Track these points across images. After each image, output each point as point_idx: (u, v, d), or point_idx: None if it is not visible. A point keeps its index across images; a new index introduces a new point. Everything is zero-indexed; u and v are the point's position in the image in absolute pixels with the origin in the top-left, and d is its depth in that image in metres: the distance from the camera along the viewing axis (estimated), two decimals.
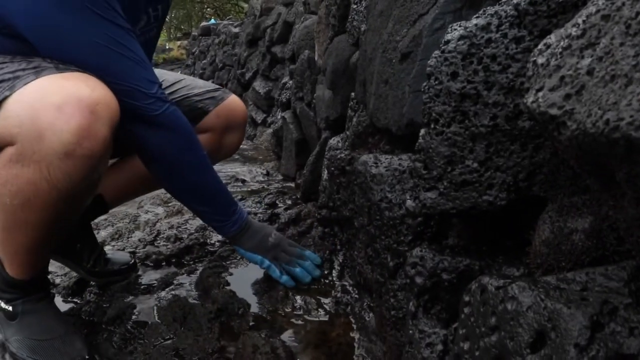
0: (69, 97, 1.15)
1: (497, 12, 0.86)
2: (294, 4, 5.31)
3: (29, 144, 1.14)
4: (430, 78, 0.93)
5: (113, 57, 1.29)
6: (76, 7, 1.23)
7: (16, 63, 1.26)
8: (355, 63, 2.00)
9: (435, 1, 1.38)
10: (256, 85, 5.91)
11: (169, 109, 1.40)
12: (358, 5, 2.16)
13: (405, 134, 1.36)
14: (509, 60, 0.83)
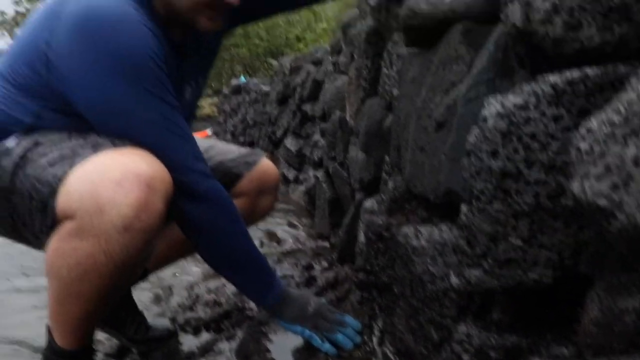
0: (127, 173, 1.20)
1: (535, 90, 0.87)
2: (323, 63, 5.40)
3: (88, 218, 1.19)
4: (470, 156, 0.94)
5: (161, 133, 1.34)
6: (131, 85, 1.28)
7: (73, 140, 1.33)
8: (389, 127, 2.02)
9: (467, 71, 1.40)
10: (287, 143, 5.97)
11: (212, 184, 1.43)
12: (389, 70, 2.20)
13: (442, 202, 1.36)
14: (549, 138, 0.84)
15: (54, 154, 1.29)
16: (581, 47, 0.87)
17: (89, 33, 1.26)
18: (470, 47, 1.43)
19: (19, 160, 1.30)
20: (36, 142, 1.33)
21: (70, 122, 1.37)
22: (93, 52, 1.26)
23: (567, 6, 0.88)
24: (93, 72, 1.27)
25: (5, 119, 1.37)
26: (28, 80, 1.36)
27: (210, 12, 1.42)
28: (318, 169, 4.00)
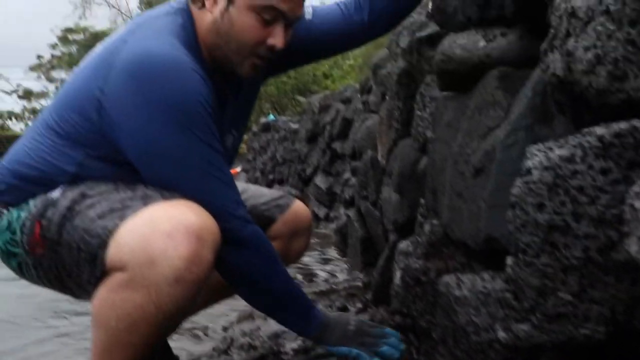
0: (177, 225, 1.22)
1: (581, 143, 0.86)
2: (352, 101, 5.43)
3: (139, 270, 1.21)
4: (515, 208, 0.93)
5: (207, 179, 1.35)
6: (181, 131, 1.30)
7: (122, 192, 1.35)
8: (423, 170, 2.01)
9: (504, 116, 1.40)
10: (317, 181, 5.99)
11: (253, 229, 1.43)
12: (422, 112, 2.20)
13: (483, 249, 1.35)
14: (597, 192, 0.83)
15: (102, 206, 1.30)
16: (627, 97, 0.86)
17: (142, 79, 1.28)
18: (507, 92, 1.42)
19: (66, 211, 1.32)
20: (83, 194, 1.34)
21: (113, 171, 1.40)
22: (145, 98, 1.28)
23: (611, 57, 0.87)
24: (144, 118, 1.29)
25: (50, 169, 1.39)
26: (77, 127, 1.37)
27: (255, 59, 1.43)
28: (349, 208, 3.99)
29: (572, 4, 0.99)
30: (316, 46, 1.73)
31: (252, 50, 1.41)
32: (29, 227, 1.35)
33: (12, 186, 1.40)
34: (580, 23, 0.96)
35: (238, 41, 1.40)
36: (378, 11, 1.71)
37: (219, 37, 1.41)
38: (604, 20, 0.89)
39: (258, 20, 1.37)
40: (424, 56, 2.25)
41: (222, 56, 1.45)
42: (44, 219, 1.34)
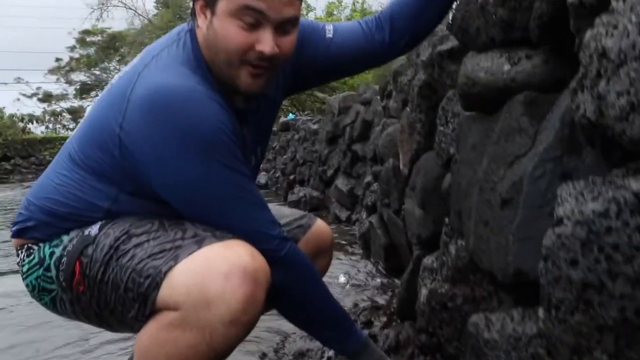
0: (234, 267, 1.24)
1: (615, 197, 0.83)
2: (372, 103, 5.40)
3: (194, 310, 1.22)
4: (547, 261, 0.90)
5: (239, 204, 1.35)
6: (204, 160, 1.29)
7: (170, 232, 1.35)
8: (448, 188, 1.98)
9: (531, 144, 1.36)
10: (338, 183, 5.97)
11: (292, 247, 1.44)
12: (445, 127, 2.16)
13: (512, 282, 1.32)
14: (634, 250, 0.80)
15: (152, 247, 1.31)
16: None
17: (158, 114, 1.28)
18: (533, 119, 1.39)
19: (111, 250, 1.32)
20: (128, 233, 1.34)
21: (148, 205, 1.40)
22: (164, 133, 1.27)
23: None
24: (165, 152, 1.28)
25: (82, 205, 1.39)
26: (101, 163, 1.38)
27: (249, 68, 1.37)
28: (372, 214, 3.97)
29: (603, 44, 0.95)
30: (337, 64, 1.70)
31: (240, 58, 1.35)
32: (66, 264, 1.35)
33: (42, 222, 1.41)
34: (612, 65, 0.93)
35: (224, 51, 1.35)
36: (399, 31, 1.69)
37: (210, 51, 1.38)
38: (637, 66, 0.85)
39: (240, 25, 1.31)
40: (445, 70, 2.22)
41: (219, 72, 1.41)
42: (84, 257, 1.34)
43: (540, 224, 1.26)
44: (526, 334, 1.12)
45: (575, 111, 1.04)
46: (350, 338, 1.59)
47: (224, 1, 1.31)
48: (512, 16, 1.50)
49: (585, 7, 1.09)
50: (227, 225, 1.34)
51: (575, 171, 1.26)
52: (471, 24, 1.65)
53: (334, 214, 6.05)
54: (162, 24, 26.68)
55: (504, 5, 1.50)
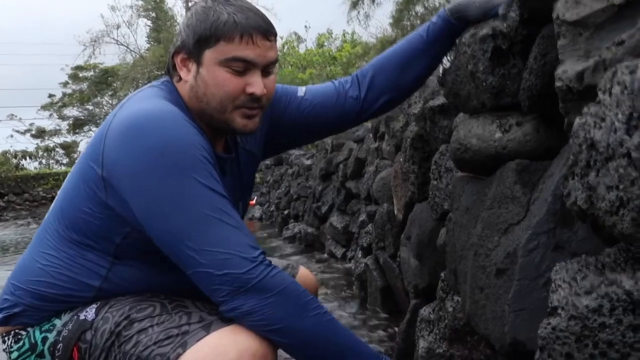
0: (244, 353, 1.22)
1: (608, 293, 0.85)
2: (365, 141, 5.44)
3: None
4: (543, 352, 0.92)
5: (216, 225, 1.26)
6: (180, 177, 1.25)
7: (175, 316, 1.31)
8: (443, 246, 2.01)
9: (525, 214, 1.39)
10: (333, 221, 5.98)
11: (273, 272, 1.28)
12: (438, 182, 2.19)
13: (508, 351, 1.34)
14: (628, 349, 0.82)
15: (156, 333, 1.28)
16: None
17: (135, 133, 1.26)
18: (526, 187, 1.42)
19: (112, 336, 1.30)
20: (128, 317, 1.32)
21: (141, 275, 1.39)
22: (140, 150, 1.25)
23: (635, 204, 0.86)
24: (142, 170, 1.25)
25: (72, 285, 1.37)
26: (91, 220, 1.35)
27: (243, 110, 1.40)
28: (368, 257, 3.98)
29: (592, 136, 0.98)
30: (310, 121, 1.69)
31: (233, 102, 1.38)
32: (63, 350, 1.33)
33: (31, 306, 1.38)
34: (601, 157, 0.95)
35: (217, 98, 1.37)
36: (376, 90, 1.68)
37: (199, 101, 1.40)
38: (625, 164, 0.88)
39: (229, 72, 1.35)
40: (437, 124, 2.26)
41: (210, 119, 1.42)
42: (82, 342, 1.32)
43: (534, 296, 1.28)
44: None
45: (566, 197, 1.07)
46: None
47: (211, 52, 1.35)
48: (502, 83, 1.54)
49: (573, 93, 1.12)
50: (201, 248, 1.24)
51: (567, 243, 1.28)
52: (462, 88, 1.68)
53: (329, 251, 6.06)
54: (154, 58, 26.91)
55: (494, 73, 1.54)
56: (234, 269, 1.24)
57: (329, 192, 6.59)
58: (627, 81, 0.88)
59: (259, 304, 1.26)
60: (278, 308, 1.27)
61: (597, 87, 1.00)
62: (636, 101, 0.85)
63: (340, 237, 5.82)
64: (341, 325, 1.38)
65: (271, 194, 10.70)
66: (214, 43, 1.34)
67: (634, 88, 0.85)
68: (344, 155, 6.04)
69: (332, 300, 4.17)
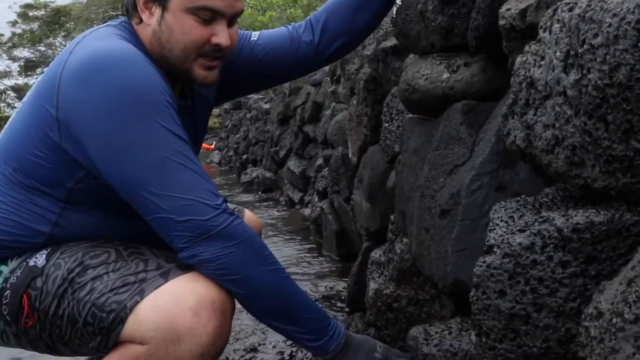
0: (202, 301, 1.21)
1: (540, 231, 0.86)
2: (322, 85, 5.39)
3: (164, 346, 1.19)
4: (478, 289, 0.93)
5: (178, 171, 1.24)
6: (142, 119, 1.22)
7: (132, 263, 1.28)
8: (393, 186, 2.01)
9: (470, 155, 1.39)
10: (291, 165, 5.97)
11: (236, 222, 1.26)
12: (390, 124, 2.19)
13: (451, 290, 1.36)
14: (557, 284, 0.83)
15: (112, 280, 1.25)
16: (585, 184, 0.86)
17: (95, 73, 1.22)
18: (471, 128, 1.42)
19: (64, 283, 1.26)
20: (81, 264, 1.28)
21: (93, 221, 1.34)
22: (99, 91, 1.21)
23: (569, 142, 0.87)
24: (101, 112, 1.21)
25: (21, 231, 1.31)
26: (42, 164, 1.29)
27: (203, 61, 1.36)
28: (324, 201, 3.99)
29: (531, 74, 0.98)
30: (263, 66, 1.65)
31: (197, 51, 1.34)
32: (11, 297, 1.28)
33: None
34: (539, 95, 0.95)
35: (181, 45, 1.33)
36: (330, 33, 1.63)
37: (161, 46, 1.35)
38: (561, 101, 0.88)
39: (196, 20, 1.31)
40: (389, 66, 2.24)
41: (170, 67, 1.37)
42: (31, 289, 1.27)
43: (476, 236, 1.30)
44: (462, 350, 1.16)
45: (506, 136, 1.07)
46: (328, 336, 1.36)
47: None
48: (451, 23, 1.52)
49: (516, 31, 1.12)
50: (162, 193, 1.22)
51: (510, 183, 1.29)
52: (412, 28, 1.66)
53: (287, 196, 6.06)
54: None
55: (443, 12, 1.52)
56: (197, 216, 1.22)
57: (287, 137, 6.55)
58: (565, 18, 0.87)
59: (220, 252, 1.25)
60: (238, 257, 1.26)
61: (539, 25, 0.99)
62: (573, 38, 0.84)
63: (297, 182, 5.82)
64: (296, 284, 1.38)
65: (230, 139, 10.62)
66: None
67: (571, 25, 0.85)
68: (302, 99, 5.98)
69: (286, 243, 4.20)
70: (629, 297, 0.63)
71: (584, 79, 0.82)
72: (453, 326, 1.26)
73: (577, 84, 0.84)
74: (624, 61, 0.73)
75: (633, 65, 0.72)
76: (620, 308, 0.63)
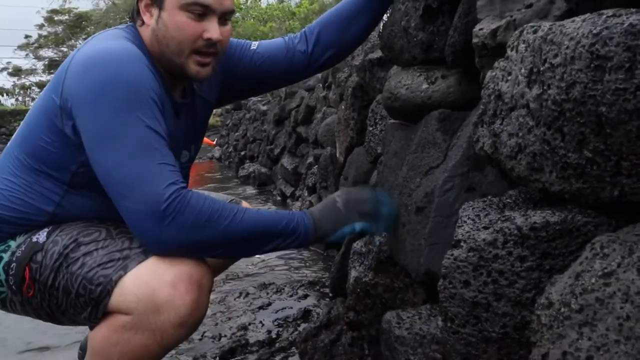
0: (181, 275, 1.23)
1: (502, 229, 0.88)
2: (315, 90, 5.40)
3: (145, 316, 1.22)
4: (445, 279, 0.95)
5: (144, 159, 1.23)
6: (126, 112, 1.22)
7: (119, 241, 1.31)
8: (375, 186, 2.03)
9: (444, 158, 1.41)
10: (284, 162, 5.97)
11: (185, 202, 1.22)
12: (374, 128, 2.20)
13: (423, 280, 1.37)
14: (515, 277, 0.85)
15: (101, 255, 1.28)
16: (543, 187, 0.87)
17: (94, 65, 1.25)
18: (446, 134, 1.43)
19: (60, 257, 1.29)
20: (75, 241, 1.31)
21: (92, 204, 1.37)
22: (91, 79, 1.24)
23: (530, 149, 0.88)
24: (93, 99, 1.23)
25: (28, 209, 1.35)
26: (46, 148, 1.32)
27: (197, 57, 1.37)
28: (312, 195, 4.00)
29: (499, 87, 1.00)
30: (261, 73, 1.67)
31: (191, 46, 1.35)
32: (16, 269, 1.31)
33: None
34: (506, 107, 0.97)
35: (176, 40, 1.35)
36: (323, 44, 1.67)
37: (159, 43, 1.37)
38: (525, 113, 0.90)
39: (189, 17, 1.33)
40: (375, 76, 2.25)
41: (168, 62, 1.39)
42: (33, 263, 1.30)
43: (447, 231, 1.31)
44: (430, 333, 1.17)
45: (475, 143, 1.08)
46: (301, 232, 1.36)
47: None
48: (431, 39, 1.54)
49: (487, 49, 1.13)
50: (127, 181, 1.21)
51: (479, 185, 1.31)
52: (396, 42, 1.67)
53: (280, 190, 6.07)
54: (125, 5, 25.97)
55: (424, 30, 1.54)
56: (151, 206, 1.20)
57: (282, 136, 6.55)
58: (530, 39, 0.88)
59: (180, 239, 1.23)
60: (197, 235, 1.23)
61: (507, 45, 1.00)
62: (536, 57, 0.86)
63: (290, 177, 5.82)
64: (253, 210, 1.34)
65: (230, 136, 10.60)
66: None
67: (535, 46, 0.86)
68: (296, 102, 5.99)
69: None
70: (576, 289, 0.64)
71: (544, 94, 0.83)
72: (423, 312, 1.27)
73: (538, 98, 0.85)
74: (578, 79, 0.74)
75: (586, 84, 0.73)
76: (568, 299, 0.65)
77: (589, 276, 0.64)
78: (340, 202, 1.45)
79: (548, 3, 1.02)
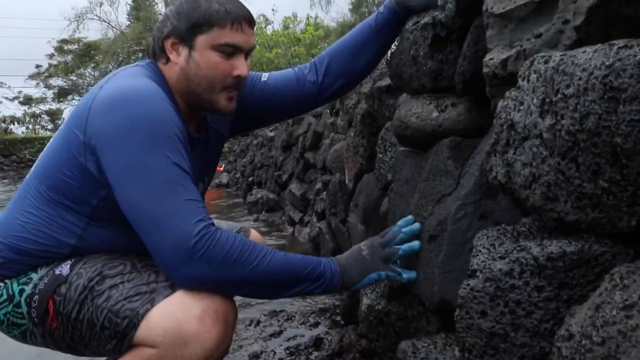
0: (208, 309, 1.23)
1: (519, 258, 0.87)
2: (322, 116, 5.42)
3: (172, 349, 1.21)
4: (462, 309, 0.94)
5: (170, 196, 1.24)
6: (152, 149, 1.24)
7: (144, 274, 1.32)
8: (385, 213, 2.03)
9: (456, 186, 1.41)
10: (292, 188, 5.97)
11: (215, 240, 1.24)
12: (384, 155, 2.20)
13: (437, 308, 1.37)
14: (533, 307, 0.84)
15: (127, 289, 1.28)
16: (558, 217, 0.87)
17: (117, 104, 1.26)
18: (457, 162, 1.43)
19: (85, 290, 1.29)
20: (100, 273, 1.31)
21: (114, 237, 1.38)
22: (117, 117, 1.25)
23: (544, 179, 0.89)
24: (117, 137, 1.25)
25: (50, 241, 1.35)
26: (70, 182, 1.33)
27: (227, 93, 1.43)
28: (322, 222, 4.00)
29: (511, 117, 1.00)
30: (272, 103, 1.70)
31: (222, 83, 1.41)
32: (39, 301, 1.31)
33: (10, 260, 1.35)
34: (518, 137, 0.97)
35: (208, 79, 1.39)
36: (333, 74, 1.70)
37: (189, 81, 1.41)
38: (538, 143, 0.90)
39: (220, 56, 1.38)
40: (384, 103, 2.26)
41: (197, 99, 1.43)
42: (57, 295, 1.30)
43: (461, 259, 1.31)
44: None
45: (489, 172, 1.09)
46: (327, 278, 1.37)
47: (204, 37, 1.37)
48: (440, 68, 1.55)
49: (498, 78, 1.14)
50: (153, 218, 1.22)
51: (491, 213, 1.31)
52: (405, 70, 1.69)
53: (288, 215, 6.06)
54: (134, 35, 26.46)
55: (433, 58, 1.55)
56: (180, 242, 1.21)
57: (289, 162, 6.57)
58: (541, 70, 0.89)
59: (207, 275, 1.24)
60: (225, 273, 1.25)
61: (518, 74, 1.01)
62: (548, 88, 0.86)
63: (298, 203, 5.82)
64: (281, 254, 1.35)
65: (237, 162, 10.63)
66: (208, 29, 1.36)
67: (546, 76, 0.87)
68: (304, 128, 6.01)
69: None
70: (597, 321, 0.64)
71: (557, 124, 0.84)
72: (438, 341, 1.26)
73: (551, 128, 0.85)
74: (592, 110, 0.75)
75: (600, 115, 0.74)
76: (589, 331, 0.64)
77: (610, 308, 0.64)
78: (366, 251, 1.48)
79: (557, 32, 1.02)
